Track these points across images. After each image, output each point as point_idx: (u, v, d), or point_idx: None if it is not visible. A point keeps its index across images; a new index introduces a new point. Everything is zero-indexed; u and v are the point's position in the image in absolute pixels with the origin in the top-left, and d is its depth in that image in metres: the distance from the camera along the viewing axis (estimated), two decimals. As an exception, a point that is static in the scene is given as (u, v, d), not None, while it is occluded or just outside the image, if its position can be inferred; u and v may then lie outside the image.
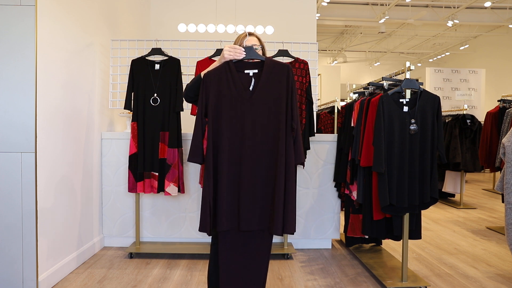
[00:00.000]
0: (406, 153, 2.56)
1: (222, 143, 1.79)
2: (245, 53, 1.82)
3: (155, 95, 3.14)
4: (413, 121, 2.55)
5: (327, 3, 8.15)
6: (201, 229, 1.81)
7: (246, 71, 1.82)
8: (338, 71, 11.91)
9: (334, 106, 5.20)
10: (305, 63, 3.29)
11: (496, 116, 4.71)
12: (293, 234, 1.84)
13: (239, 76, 1.81)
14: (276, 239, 3.48)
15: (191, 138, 1.83)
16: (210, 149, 1.80)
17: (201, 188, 2.40)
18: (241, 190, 1.79)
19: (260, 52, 1.98)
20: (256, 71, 1.82)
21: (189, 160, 1.84)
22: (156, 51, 3.22)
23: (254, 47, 1.89)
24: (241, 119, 1.79)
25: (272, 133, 1.80)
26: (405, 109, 2.58)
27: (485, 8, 9.20)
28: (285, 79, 1.82)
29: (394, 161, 2.55)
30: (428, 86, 8.99)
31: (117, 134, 3.47)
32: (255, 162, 1.80)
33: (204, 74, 1.84)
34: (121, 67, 3.62)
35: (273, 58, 3.26)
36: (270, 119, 1.80)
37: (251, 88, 1.81)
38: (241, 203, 1.79)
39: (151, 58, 3.20)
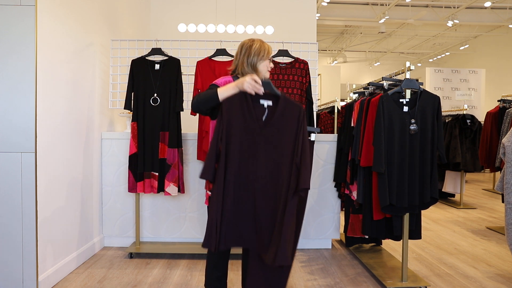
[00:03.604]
0: (406, 153, 2.56)
1: (232, 168, 1.88)
2: (263, 89, 1.91)
3: (155, 95, 3.14)
4: (413, 121, 2.55)
5: (327, 3, 8.15)
6: (205, 245, 1.90)
7: (261, 101, 1.93)
8: (338, 71, 11.91)
9: (334, 106, 5.20)
10: (305, 63, 3.30)
11: (496, 116, 4.71)
12: (286, 264, 1.84)
13: (254, 106, 1.92)
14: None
15: (206, 157, 1.91)
16: (221, 171, 1.89)
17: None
18: (245, 214, 1.90)
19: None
20: (270, 103, 1.92)
21: (201, 177, 1.91)
22: (156, 51, 3.22)
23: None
24: (252, 147, 1.90)
25: (279, 165, 1.90)
26: (405, 109, 2.58)
27: (485, 8, 9.20)
28: (296, 118, 1.92)
29: (394, 161, 2.55)
30: (428, 86, 8.99)
31: (117, 134, 3.47)
32: (261, 190, 1.89)
33: (224, 100, 1.92)
34: (121, 67, 3.62)
35: (273, 58, 3.28)
36: (279, 152, 1.90)
37: (263, 119, 1.91)
38: (244, 227, 1.91)
39: (151, 58, 3.20)
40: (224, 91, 1.92)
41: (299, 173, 1.87)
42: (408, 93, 2.62)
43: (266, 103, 1.93)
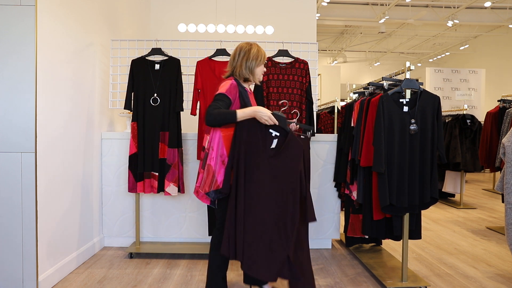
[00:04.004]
0: (406, 153, 2.56)
1: (241, 186, 2.09)
2: (277, 122, 2.14)
3: (155, 95, 3.14)
4: (413, 121, 2.55)
5: (327, 3, 8.14)
6: (224, 252, 2.11)
7: (270, 130, 2.17)
8: (338, 71, 11.90)
9: (334, 106, 5.20)
10: (305, 63, 3.30)
11: (496, 116, 4.71)
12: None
13: (265, 133, 2.16)
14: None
15: (225, 172, 2.13)
16: (233, 188, 2.12)
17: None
18: (251, 229, 2.10)
19: None
20: (278, 134, 2.18)
21: (223, 190, 2.14)
22: (156, 51, 3.22)
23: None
24: (262, 170, 2.12)
25: (284, 191, 2.13)
26: (405, 109, 2.58)
27: (485, 8, 9.20)
28: (301, 154, 2.18)
29: (394, 161, 2.54)
30: (428, 86, 8.99)
31: (117, 134, 3.47)
32: (267, 209, 2.11)
33: (240, 124, 2.13)
34: (121, 67, 3.62)
35: (273, 58, 3.28)
36: (281, 178, 2.13)
37: (272, 147, 2.16)
38: (251, 243, 2.09)
39: (151, 58, 3.20)
40: (242, 115, 2.11)
41: (307, 208, 2.18)
42: (408, 93, 2.62)
43: (274, 133, 2.17)
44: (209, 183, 2.16)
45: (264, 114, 2.11)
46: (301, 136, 2.29)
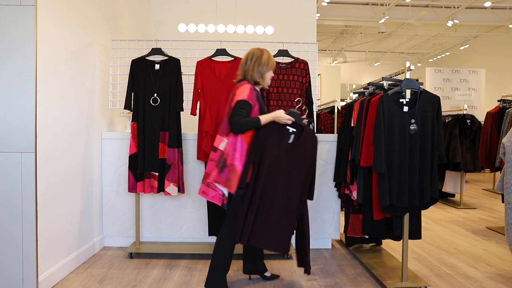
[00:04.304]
0: (406, 153, 2.56)
1: (262, 177, 2.32)
2: (293, 119, 2.43)
3: (155, 95, 3.14)
4: (413, 121, 2.55)
5: (327, 3, 8.15)
6: (237, 238, 2.33)
7: (287, 127, 2.45)
8: (338, 71, 11.91)
9: (334, 106, 5.20)
10: (305, 63, 3.30)
11: (496, 116, 4.71)
12: (287, 251, 2.47)
13: (283, 131, 2.43)
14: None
15: (244, 165, 2.34)
16: (253, 178, 2.35)
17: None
18: (269, 211, 2.34)
19: None
20: (295, 130, 2.46)
21: (240, 184, 2.33)
22: (156, 51, 3.22)
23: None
24: (279, 161, 2.38)
25: (295, 177, 2.42)
26: (405, 109, 2.58)
27: (485, 8, 9.20)
28: (315, 147, 2.51)
29: (394, 161, 2.54)
30: (428, 86, 8.99)
31: (117, 134, 3.47)
32: (282, 194, 2.37)
33: (264, 125, 2.37)
34: (121, 67, 3.62)
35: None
36: (297, 167, 2.42)
37: (290, 141, 2.43)
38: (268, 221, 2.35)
39: (151, 58, 3.20)
40: (264, 120, 2.36)
41: (311, 186, 2.52)
42: (408, 93, 2.62)
43: (291, 129, 2.46)
44: (236, 182, 2.30)
45: (284, 117, 2.38)
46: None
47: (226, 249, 2.42)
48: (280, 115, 2.39)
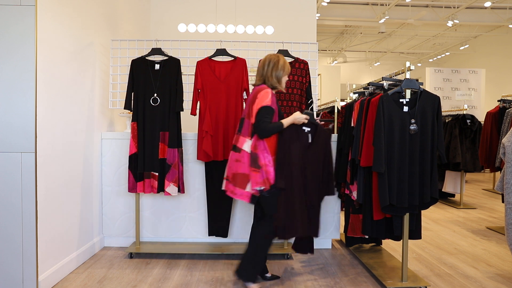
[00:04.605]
0: (406, 153, 2.56)
1: (290, 175, 2.54)
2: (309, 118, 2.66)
3: (155, 95, 3.14)
4: (413, 121, 2.55)
5: (327, 3, 8.14)
6: (280, 235, 2.59)
7: (303, 128, 2.66)
8: (338, 71, 11.91)
9: (334, 106, 5.20)
10: (305, 63, 3.30)
11: (496, 116, 4.71)
12: (316, 236, 2.74)
13: (300, 131, 2.65)
14: (276, 239, 3.47)
15: (276, 168, 2.52)
16: (282, 176, 2.54)
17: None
18: (300, 205, 2.59)
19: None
20: (309, 129, 2.67)
21: (280, 185, 2.50)
22: (156, 51, 3.22)
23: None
24: (302, 159, 2.60)
25: (316, 172, 2.66)
26: (405, 109, 2.58)
27: (485, 8, 9.20)
28: (329, 142, 2.73)
29: (394, 161, 2.54)
30: (428, 86, 8.99)
31: (117, 134, 3.47)
32: (305, 188, 2.61)
33: (286, 130, 2.57)
34: (121, 67, 3.62)
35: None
36: (315, 161, 2.65)
37: (309, 140, 2.67)
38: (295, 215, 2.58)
39: (151, 58, 3.20)
40: (286, 123, 2.54)
41: (329, 181, 2.72)
42: (408, 93, 2.62)
43: (307, 129, 2.67)
44: (271, 180, 2.48)
45: (301, 118, 2.59)
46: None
47: (265, 243, 2.60)
48: (298, 116, 2.58)
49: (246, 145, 2.50)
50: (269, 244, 2.62)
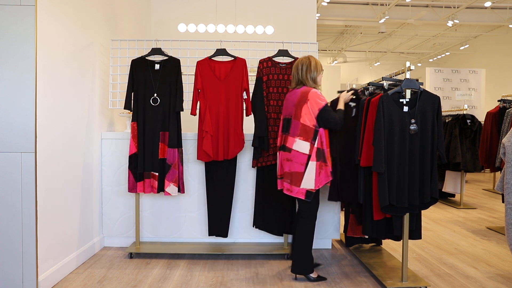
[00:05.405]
0: (406, 153, 2.56)
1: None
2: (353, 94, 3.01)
3: (155, 95, 3.14)
4: (413, 121, 2.55)
5: (327, 3, 8.14)
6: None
7: (349, 103, 3.04)
8: (338, 71, 11.90)
9: (334, 106, 5.19)
10: (305, 63, 3.29)
11: (496, 116, 4.71)
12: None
13: (348, 107, 3.04)
14: (276, 239, 3.48)
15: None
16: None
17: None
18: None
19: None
20: (354, 104, 3.03)
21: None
22: (156, 51, 3.22)
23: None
24: (346, 129, 2.97)
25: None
26: (405, 109, 2.58)
27: (485, 8, 9.20)
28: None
29: (394, 161, 2.54)
30: (428, 86, 8.98)
31: (117, 134, 3.47)
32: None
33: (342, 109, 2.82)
34: (121, 67, 3.62)
35: (273, 58, 3.28)
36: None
37: (353, 115, 3.03)
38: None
39: (151, 58, 3.20)
40: (341, 105, 2.81)
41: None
42: (408, 93, 2.62)
43: (352, 104, 3.04)
44: (327, 176, 2.67)
45: (348, 95, 2.91)
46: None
47: (310, 236, 2.72)
48: (345, 95, 2.89)
49: (296, 144, 2.63)
50: (313, 236, 2.74)
